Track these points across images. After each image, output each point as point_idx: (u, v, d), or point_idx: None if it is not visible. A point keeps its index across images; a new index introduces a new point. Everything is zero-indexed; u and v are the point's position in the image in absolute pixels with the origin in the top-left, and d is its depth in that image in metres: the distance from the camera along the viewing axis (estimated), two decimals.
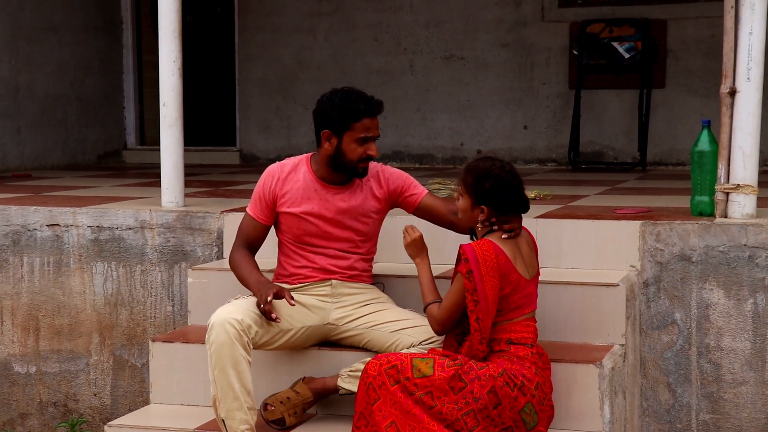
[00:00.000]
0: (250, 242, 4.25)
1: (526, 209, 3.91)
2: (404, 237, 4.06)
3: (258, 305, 3.98)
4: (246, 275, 4.15)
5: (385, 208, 4.28)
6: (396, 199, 4.27)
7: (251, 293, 4.11)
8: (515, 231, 3.86)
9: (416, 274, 4.47)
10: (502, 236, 3.83)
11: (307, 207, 4.14)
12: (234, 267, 4.22)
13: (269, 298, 3.92)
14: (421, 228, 4.30)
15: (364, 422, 3.75)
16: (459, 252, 3.82)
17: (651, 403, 4.76)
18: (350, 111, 4.04)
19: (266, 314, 3.96)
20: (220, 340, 3.87)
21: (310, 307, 4.17)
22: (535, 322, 3.92)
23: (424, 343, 4.00)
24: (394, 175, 4.27)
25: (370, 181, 4.21)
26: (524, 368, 3.77)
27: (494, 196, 3.82)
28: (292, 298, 4.01)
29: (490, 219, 3.84)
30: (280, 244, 4.27)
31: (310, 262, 4.19)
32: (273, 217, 4.21)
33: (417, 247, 4.05)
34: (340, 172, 4.13)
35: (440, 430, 3.68)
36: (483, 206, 3.82)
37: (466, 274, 3.75)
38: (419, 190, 4.29)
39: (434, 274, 4.46)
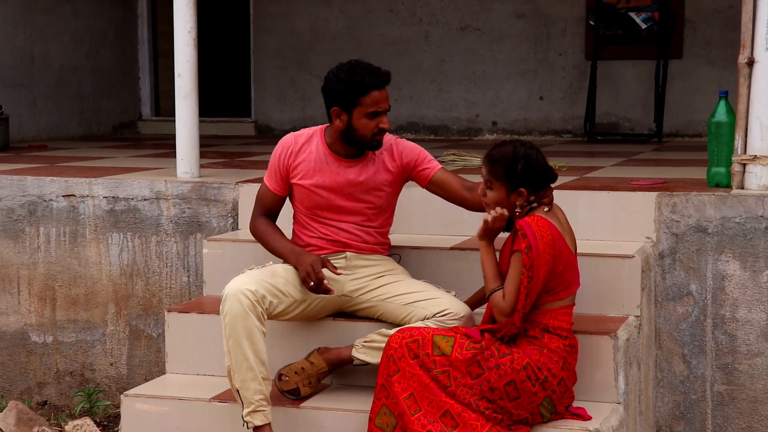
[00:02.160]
0: (268, 211, 4.26)
1: (555, 178, 3.89)
2: (489, 219, 3.83)
3: (304, 279, 4.01)
4: (277, 245, 4.17)
5: (398, 181, 4.24)
6: (410, 173, 4.23)
7: (269, 263, 4.12)
8: (552, 201, 3.85)
9: (432, 245, 4.47)
10: (545, 210, 3.81)
11: (318, 179, 4.13)
12: (260, 236, 4.23)
13: (318, 271, 3.97)
14: (437, 202, 4.29)
15: (384, 393, 3.76)
16: (514, 229, 3.77)
17: (666, 374, 4.76)
18: (357, 85, 3.97)
19: (318, 287, 4.00)
20: (234, 311, 3.88)
21: (325, 278, 4.15)
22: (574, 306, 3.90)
23: (437, 315, 3.98)
24: (407, 148, 4.23)
25: (383, 154, 4.17)
26: (551, 362, 3.74)
27: (528, 175, 3.78)
28: (335, 267, 4.06)
29: (529, 198, 3.80)
30: (295, 214, 4.27)
31: (323, 234, 4.19)
32: (288, 188, 4.21)
33: (493, 233, 3.88)
34: (354, 146, 4.11)
35: (457, 404, 3.68)
36: (521, 189, 3.78)
37: (525, 249, 3.69)
38: (433, 164, 4.24)
39: (454, 244, 4.45)
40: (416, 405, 3.70)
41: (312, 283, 4.00)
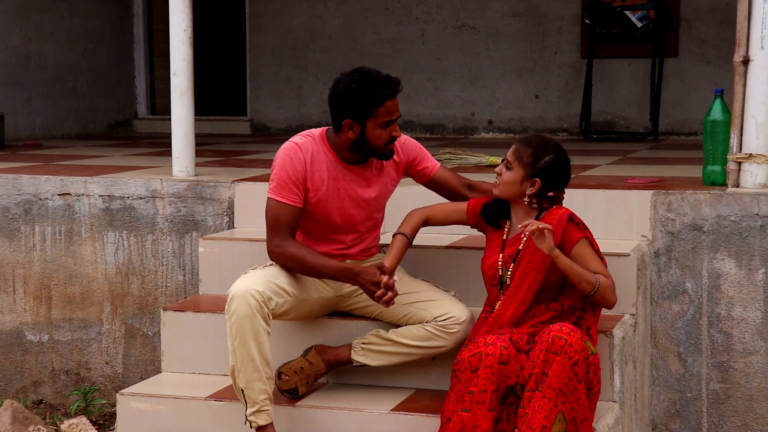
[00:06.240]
0: (291, 230, 4.01)
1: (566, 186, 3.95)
2: (538, 236, 3.67)
3: (373, 293, 3.86)
4: (321, 264, 3.95)
5: (400, 177, 4.21)
6: (408, 170, 4.21)
7: (269, 264, 4.05)
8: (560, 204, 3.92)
9: (428, 244, 4.46)
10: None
11: (333, 190, 4.02)
12: (295, 259, 3.96)
13: (384, 281, 3.84)
14: (432, 201, 4.27)
15: (562, 399, 3.57)
16: (559, 220, 3.77)
17: (661, 372, 4.76)
18: (371, 97, 3.87)
19: (382, 298, 3.86)
20: (242, 312, 3.83)
21: (325, 280, 4.12)
22: None
23: (438, 319, 3.96)
24: (410, 144, 4.19)
25: None
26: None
27: (551, 170, 3.81)
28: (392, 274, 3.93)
29: (540, 193, 3.81)
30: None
31: (327, 244, 4.10)
32: (305, 197, 4.03)
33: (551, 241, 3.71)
34: (366, 155, 4.02)
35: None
36: (536, 179, 3.80)
37: (586, 231, 3.82)
38: (433, 162, 4.22)
39: (450, 243, 4.42)
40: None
41: (382, 295, 3.86)
